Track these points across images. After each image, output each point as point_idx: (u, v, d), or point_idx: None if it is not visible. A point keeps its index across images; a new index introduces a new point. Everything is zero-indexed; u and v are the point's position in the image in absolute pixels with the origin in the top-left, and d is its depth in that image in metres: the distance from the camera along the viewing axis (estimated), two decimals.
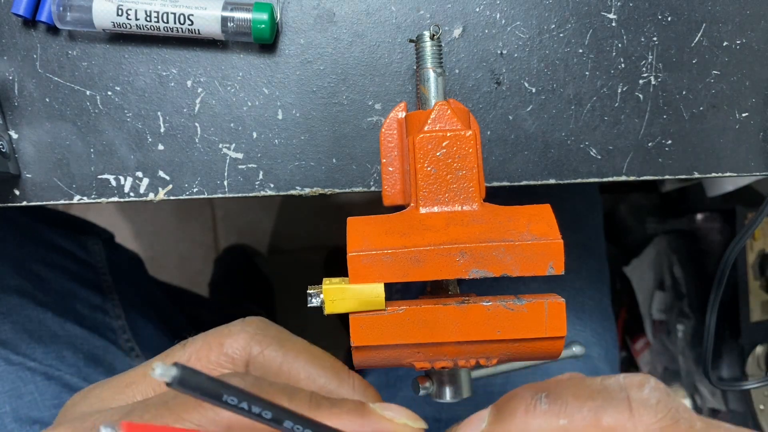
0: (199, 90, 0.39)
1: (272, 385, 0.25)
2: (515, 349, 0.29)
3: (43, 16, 0.37)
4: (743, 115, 0.39)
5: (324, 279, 0.29)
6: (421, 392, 0.32)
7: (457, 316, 0.28)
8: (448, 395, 0.32)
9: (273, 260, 1.27)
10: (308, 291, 0.29)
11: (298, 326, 0.34)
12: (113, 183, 0.39)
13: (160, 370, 0.17)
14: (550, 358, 0.30)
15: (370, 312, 0.28)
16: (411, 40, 0.35)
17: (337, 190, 0.39)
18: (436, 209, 0.31)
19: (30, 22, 0.38)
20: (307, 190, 0.39)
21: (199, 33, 0.36)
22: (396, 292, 0.62)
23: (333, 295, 0.28)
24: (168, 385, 0.18)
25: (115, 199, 0.39)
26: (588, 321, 0.61)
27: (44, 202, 0.39)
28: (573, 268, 0.56)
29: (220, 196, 0.39)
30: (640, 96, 0.39)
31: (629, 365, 1.02)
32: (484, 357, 0.29)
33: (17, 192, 0.39)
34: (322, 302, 0.28)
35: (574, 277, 0.58)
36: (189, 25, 0.35)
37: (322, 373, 0.28)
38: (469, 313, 0.28)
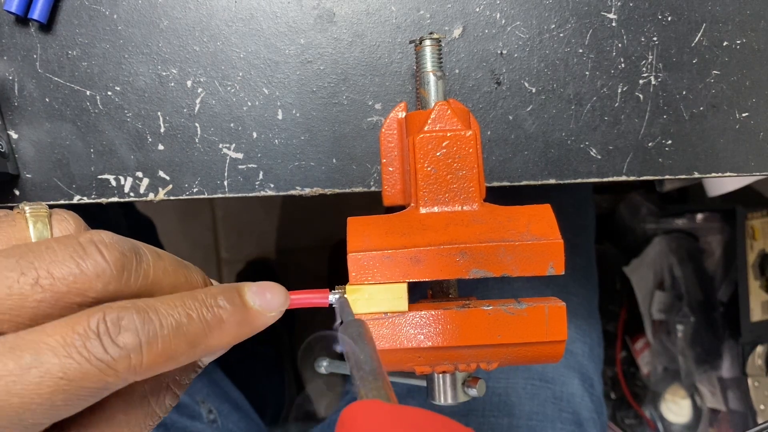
0: (199, 90, 0.39)
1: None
2: (515, 353, 0.29)
3: (35, 14, 0.37)
4: (743, 115, 0.39)
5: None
6: (322, 370, 0.34)
7: (458, 320, 0.28)
8: (448, 398, 0.32)
9: (273, 260, 1.27)
10: (332, 291, 0.29)
11: (304, 332, 0.34)
12: (113, 183, 0.39)
13: None
14: (550, 362, 0.30)
15: (369, 316, 0.28)
16: (411, 41, 0.35)
17: (337, 190, 0.39)
18: (436, 209, 0.31)
19: (22, 19, 0.38)
20: (307, 190, 0.39)
21: None
22: None
23: (356, 295, 0.28)
24: None
25: (115, 199, 0.39)
26: (572, 317, 0.60)
27: (44, 203, 0.39)
28: None
29: (220, 196, 0.39)
30: (640, 96, 0.39)
31: (629, 365, 1.02)
32: (485, 361, 0.29)
33: (17, 192, 0.39)
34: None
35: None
36: None
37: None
38: (469, 318, 0.28)
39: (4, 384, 0.20)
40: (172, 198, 0.39)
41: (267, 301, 0.26)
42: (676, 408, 0.97)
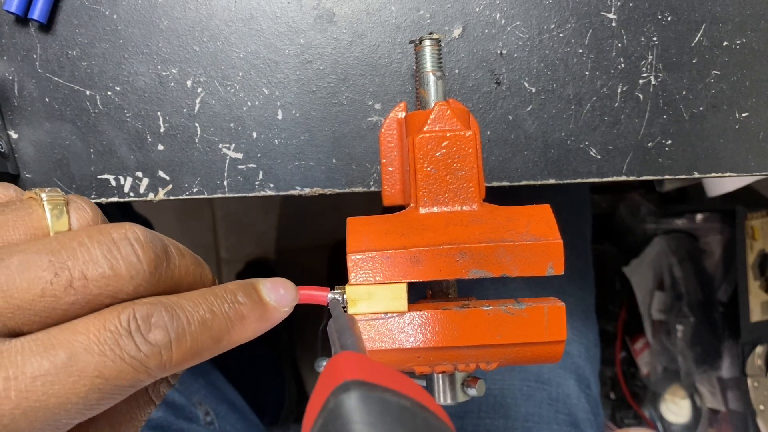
0: (199, 90, 0.39)
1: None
2: (515, 354, 0.29)
3: (35, 14, 0.37)
4: (743, 115, 0.39)
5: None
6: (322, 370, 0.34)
7: (458, 320, 0.28)
8: (448, 398, 0.32)
9: (273, 260, 1.27)
10: (332, 291, 0.29)
11: (303, 332, 0.34)
12: (113, 183, 0.39)
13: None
14: (549, 362, 0.30)
15: (368, 316, 0.28)
16: (411, 41, 0.35)
17: (337, 190, 0.39)
18: (435, 209, 0.31)
19: (22, 19, 0.38)
20: (306, 190, 0.39)
21: None
22: None
23: (356, 295, 0.28)
24: None
25: (115, 199, 0.39)
26: (568, 318, 0.61)
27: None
28: None
29: (220, 196, 0.39)
30: (640, 96, 0.39)
31: (629, 365, 1.02)
32: (484, 361, 0.29)
33: None
34: (345, 302, 0.28)
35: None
36: None
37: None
38: (469, 318, 0.28)
39: (41, 384, 0.19)
40: (171, 198, 0.39)
41: (281, 297, 0.26)
42: (675, 408, 0.97)
